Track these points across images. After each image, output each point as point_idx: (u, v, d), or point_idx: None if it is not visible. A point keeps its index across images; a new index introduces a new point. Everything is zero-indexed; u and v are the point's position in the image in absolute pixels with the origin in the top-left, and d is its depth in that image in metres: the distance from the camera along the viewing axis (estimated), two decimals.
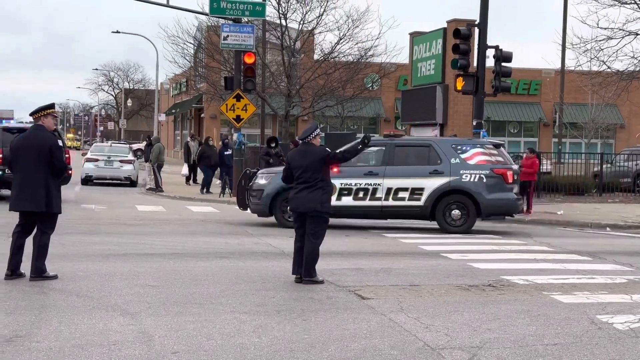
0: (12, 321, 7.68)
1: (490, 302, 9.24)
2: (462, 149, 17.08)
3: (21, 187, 9.78)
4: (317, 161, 10.13)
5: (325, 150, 10.40)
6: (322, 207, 10.13)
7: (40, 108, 10.01)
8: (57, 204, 9.88)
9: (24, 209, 9.87)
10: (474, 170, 16.86)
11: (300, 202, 10.17)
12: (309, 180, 10.12)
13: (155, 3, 27.91)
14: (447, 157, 16.98)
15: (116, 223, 17.56)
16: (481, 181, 16.84)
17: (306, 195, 10.10)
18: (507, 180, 17.11)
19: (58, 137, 11.29)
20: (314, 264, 10.22)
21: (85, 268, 10.88)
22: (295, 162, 10.32)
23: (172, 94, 71.24)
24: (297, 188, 10.24)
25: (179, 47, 39.12)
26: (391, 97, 52.57)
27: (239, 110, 26.14)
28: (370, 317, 8.31)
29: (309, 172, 10.12)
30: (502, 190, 17.04)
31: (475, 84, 21.46)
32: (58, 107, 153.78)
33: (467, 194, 16.91)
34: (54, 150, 9.76)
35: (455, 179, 16.87)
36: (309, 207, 10.10)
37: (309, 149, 10.25)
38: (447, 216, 17.03)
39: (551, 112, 51.80)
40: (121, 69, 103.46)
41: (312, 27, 34.33)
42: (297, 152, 10.48)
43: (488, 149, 17.32)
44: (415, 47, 30.97)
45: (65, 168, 9.97)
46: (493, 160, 17.21)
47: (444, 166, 16.93)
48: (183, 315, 8.15)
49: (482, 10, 21.64)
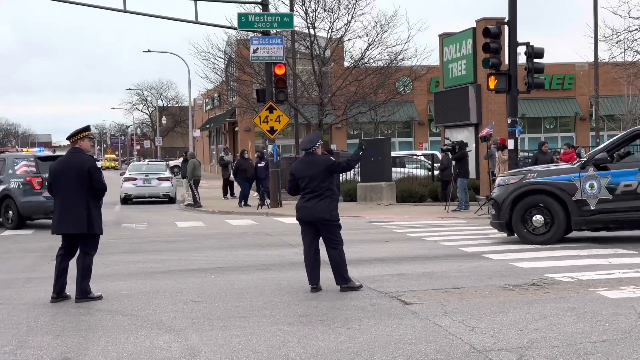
0: (61, 343, 7.78)
1: (535, 302, 9.14)
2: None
3: (62, 210, 9.92)
4: (322, 170, 10.20)
5: (330, 159, 10.48)
6: (331, 215, 10.19)
7: (76, 131, 10.16)
8: (98, 225, 10.01)
9: (67, 231, 10.01)
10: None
11: (308, 211, 10.22)
12: (316, 189, 10.16)
13: (185, 20, 28.14)
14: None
15: (157, 240, 17.71)
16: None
17: (314, 205, 10.16)
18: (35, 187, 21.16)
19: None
20: (345, 269, 10.28)
21: (129, 287, 10.98)
22: (300, 173, 10.35)
23: (206, 109, 71.73)
24: (305, 198, 10.28)
25: (210, 63, 39.34)
26: (424, 99, 52.38)
27: (272, 121, 26.24)
28: (414, 322, 8.27)
29: (315, 181, 10.17)
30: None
31: (508, 82, 21.28)
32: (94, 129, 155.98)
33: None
34: (92, 172, 9.89)
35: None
36: (318, 217, 10.17)
37: (314, 159, 10.32)
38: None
39: (587, 106, 51.23)
40: (154, 88, 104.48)
41: (341, 34, 34.31)
42: (301, 162, 10.49)
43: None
44: (445, 49, 30.81)
45: (104, 189, 10.09)
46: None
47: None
48: (228, 329, 8.19)
49: (510, 8, 21.48)
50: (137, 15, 28.17)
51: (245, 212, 26.45)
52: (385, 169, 27.39)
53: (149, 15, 28.24)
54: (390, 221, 21.24)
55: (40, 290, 10.84)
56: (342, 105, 35.10)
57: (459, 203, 23.56)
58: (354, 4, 33.47)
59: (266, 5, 27.47)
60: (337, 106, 35.29)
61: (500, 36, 21.54)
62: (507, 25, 21.61)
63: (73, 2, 26.93)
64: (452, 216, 22.22)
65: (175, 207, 31.08)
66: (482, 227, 18.88)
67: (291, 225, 20.66)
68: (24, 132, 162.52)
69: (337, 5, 33.39)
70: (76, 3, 26.99)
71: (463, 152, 23.74)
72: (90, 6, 27.19)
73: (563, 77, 51.46)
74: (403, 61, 35.50)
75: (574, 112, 52.26)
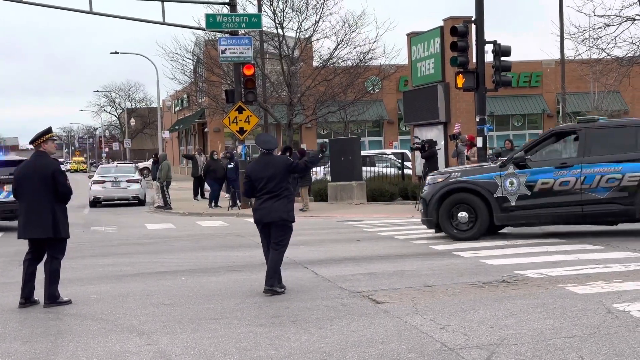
0: (29, 349, 7.69)
1: (505, 298, 9.21)
2: None
3: (28, 215, 9.81)
4: (280, 171, 10.14)
5: (288, 160, 10.47)
6: (289, 215, 10.16)
7: (39, 134, 10.02)
8: (64, 229, 9.89)
9: (32, 236, 9.90)
10: None
11: (266, 212, 10.11)
12: (274, 190, 10.09)
13: (152, 22, 27.96)
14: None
15: (127, 243, 17.58)
16: None
17: (271, 205, 10.08)
18: None
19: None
20: (277, 275, 10.12)
21: (99, 291, 10.89)
22: (257, 174, 10.23)
23: (175, 110, 71.37)
24: (262, 199, 10.17)
25: (178, 64, 39.16)
26: (393, 98, 52.54)
27: (241, 122, 26.16)
28: (386, 321, 8.29)
29: (274, 182, 10.09)
30: None
31: (476, 80, 21.41)
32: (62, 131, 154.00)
33: None
34: (56, 176, 9.78)
35: None
36: (276, 216, 10.08)
37: (271, 159, 10.27)
38: None
39: (554, 103, 51.71)
40: (122, 89, 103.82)
41: (309, 34, 34.31)
42: (257, 163, 10.39)
43: None
44: (414, 48, 30.91)
45: (69, 193, 9.97)
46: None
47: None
48: (199, 331, 8.15)
49: (477, 6, 21.62)
50: (104, 16, 27.92)
51: (215, 213, 26.35)
52: (355, 168, 27.44)
53: (115, 17, 28.01)
54: (361, 220, 21.28)
55: (8, 296, 10.70)
56: (311, 105, 35.11)
57: None
58: (322, 3, 33.50)
59: (234, 6, 27.38)
60: (306, 106, 35.28)
61: (468, 35, 21.67)
62: (474, 24, 21.75)
63: (38, 4, 26.63)
64: None
65: (145, 209, 30.89)
66: None
67: None
68: None
69: (305, 5, 33.40)
70: (41, 5, 26.70)
71: (432, 150, 23.85)
72: (56, 7, 26.95)
73: (530, 74, 51.91)
74: (372, 60, 35.59)
75: (541, 110, 52.75)
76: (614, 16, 25.60)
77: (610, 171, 14.28)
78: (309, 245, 15.52)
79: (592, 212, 14.53)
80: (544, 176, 14.60)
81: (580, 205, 14.47)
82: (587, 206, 14.45)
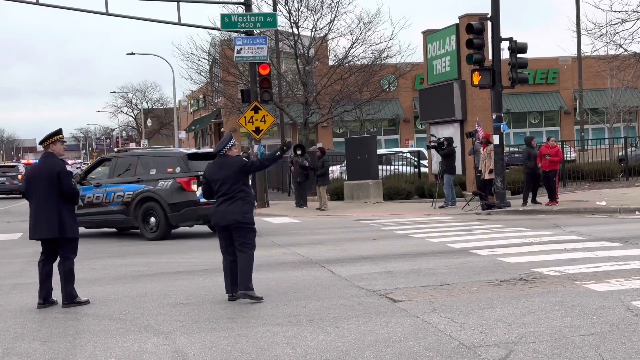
0: (48, 349, 7.73)
1: (523, 296, 9.16)
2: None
3: (36, 216, 9.92)
4: (234, 172, 9.74)
5: (242, 160, 10.04)
6: (244, 217, 9.71)
7: (48, 136, 10.11)
8: (71, 229, 9.95)
9: (40, 236, 10.00)
10: None
11: (221, 215, 9.75)
12: (228, 192, 9.72)
13: (168, 22, 28.06)
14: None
15: (144, 243, 17.64)
16: None
17: (226, 208, 9.69)
18: None
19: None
20: (249, 276, 9.69)
21: (116, 291, 10.93)
22: (212, 176, 9.89)
23: (191, 110, 71.58)
24: (218, 202, 9.84)
25: (194, 64, 39.30)
26: (409, 97, 52.46)
27: (257, 122, 26.20)
28: (403, 319, 8.27)
29: (228, 184, 9.73)
30: None
31: (492, 78, 21.34)
32: (79, 132, 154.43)
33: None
34: (62, 176, 9.85)
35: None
36: (231, 219, 9.67)
37: (226, 160, 9.85)
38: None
39: (571, 100, 51.47)
40: (139, 90, 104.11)
41: (325, 33, 34.32)
42: (213, 165, 10.00)
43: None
44: (429, 45, 30.82)
45: (74, 193, 10.00)
46: None
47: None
48: (216, 331, 8.16)
49: (493, 3, 21.54)
50: (120, 17, 28.01)
51: None
52: (371, 166, 27.41)
53: (131, 18, 28.10)
54: (377, 219, 21.25)
55: (27, 297, 10.76)
56: (327, 104, 35.11)
57: (446, 199, 23.60)
58: (337, 2, 33.52)
59: (249, 6, 27.43)
60: (322, 105, 35.29)
61: (484, 32, 21.60)
62: (490, 21, 21.68)
63: (54, 6, 26.78)
64: (439, 213, 22.25)
65: None
66: (469, 223, 18.93)
67: (279, 225, 20.64)
68: (9, 138, 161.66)
69: (320, 4, 33.40)
70: (57, 6, 26.85)
71: (451, 148, 23.79)
72: (72, 9, 27.07)
73: (547, 71, 51.69)
74: (387, 59, 35.57)
75: (558, 106, 52.51)
76: (632, 12, 25.47)
77: (119, 190, 18.77)
78: (326, 244, 15.52)
79: (112, 219, 19.06)
80: (88, 192, 19.06)
81: (106, 214, 18.96)
82: (109, 215, 18.93)
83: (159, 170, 18.53)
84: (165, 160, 18.77)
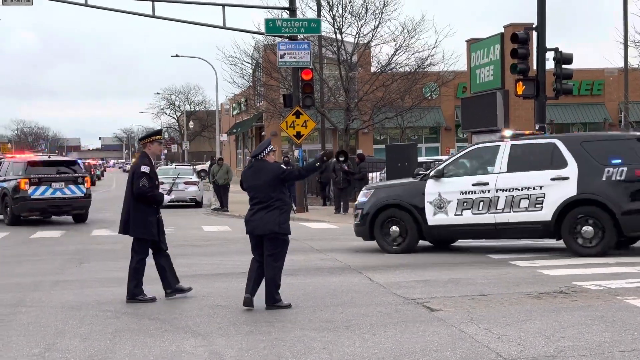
0: (88, 346, 7.84)
1: (562, 310, 9.07)
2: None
3: (121, 212, 10.47)
4: (271, 179, 9.43)
5: (280, 168, 9.65)
6: (281, 228, 9.41)
7: (147, 135, 10.57)
8: (133, 228, 10.28)
9: (119, 232, 10.58)
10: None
11: (257, 224, 9.47)
12: (264, 200, 9.41)
13: (213, 26, 28.26)
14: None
15: (184, 245, 17.78)
16: None
17: (263, 217, 9.41)
18: None
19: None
20: (276, 289, 9.55)
21: (156, 290, 11.02)
22: (248, 182, 9.63)
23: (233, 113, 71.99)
24: (253, 209, 9.55)
25: (237, 67, 39.51)
26: (451, 105, 52.18)
27: (299, 126, 26.28)
28: (440, 329, 8.23)
29: (264, 191, 9.43)
30: None
31: (536, 88, 21.17)
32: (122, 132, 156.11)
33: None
34: (134, 177, 10.21)
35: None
36: (266, 229, 9.40)
37: (263, 166, 9.54)
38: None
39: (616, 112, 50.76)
40: (182, 92, 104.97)
41: (368, 40, 34.31)
42: (249, 170, 9.70)
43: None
44: (473, 54, 30.65)
45: (142, 194, 10.19)
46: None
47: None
48: (253, 334, 8.20)
49: (539, 13, 21.37)
50: (165, 20, 28.28)
51: None
52: (411, 174, 27.27)
53: (177, 21, 28.39)
54: None
55: (69, 294, 10.93)
56: (368, 110, 35.08)
57: None
58: (381, 9, 33.48)
59: (294, 11, 27.53)
60: (363, 111, 35.27)
61: (529, 42, 21.44)
62: (535, 31, 21.51)
63: (103, 8, 27.16)
64: None
65: (202, 211, 31.21)
66: None
67: (317, 230, 20.67)
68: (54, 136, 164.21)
69: (364, 10, 33.41)
70: (106, 8, 27.23)
71: None
72: (120, 11, 27.41)
73: (592, 83, 51.06)
74: (430, 67, 35.42)
75: (602, 118, 51.82)
76: None
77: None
78: (363, 251, 15.50)
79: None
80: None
81: None
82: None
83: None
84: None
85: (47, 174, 23.54)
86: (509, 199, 13.79)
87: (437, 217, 14.40)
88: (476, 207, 14.05)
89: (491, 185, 13.93)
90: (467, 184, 14.18)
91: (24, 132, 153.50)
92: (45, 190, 23.17)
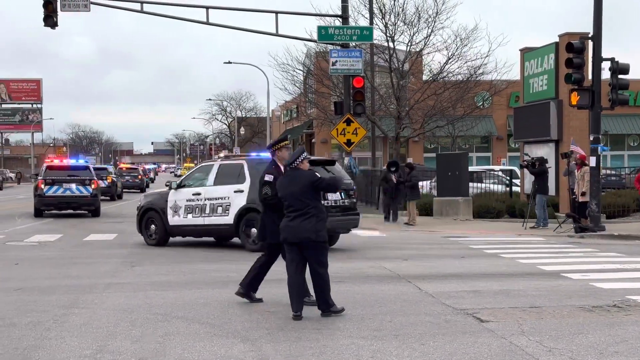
0: (139, 349, 7.94)
1: (616, 324, 8.91)
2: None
3: None
4: (306, 186, 9.42)
5: (314, 175, 9.59)
6: (318, 236, 9.39)
7: (276, 141, 10.82)
8: (259, 233, 10.94)
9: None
10: None
11: (293, 231, 9.43)
12: (300, 207, 9.39)
13: (265, 33, 28.47)
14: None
15: (234, 250, 17.90)
16: None
17: (299, 225, 9.37)
18: None
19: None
20: (328, 294, 9.56)
21: (206, 295, 11.14)
22: (283, 190, 9.61)
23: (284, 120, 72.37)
24: (289, 217, 9.49)
25: (289, 74, 39.70)
26: (503, 114, 51.72)
27: (349, 134, 26.30)
28: (490, 340, 8.15)
29: (298, 198, 9.42)
30: None
31: (591, 98, 20.87)
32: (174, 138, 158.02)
33: None
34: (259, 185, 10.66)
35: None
36: (303, 237, 9.37)
37: (296, 174, 9.53)
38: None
39: None
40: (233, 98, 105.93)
41: (420, 48, 34.22)
42: (284, 178, 9.71)
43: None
44: (527, 63, 30.34)
45: (262, 201, 10.47)
46: None
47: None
48: (301, 340, 8.22)
49: (595, 22, 21.07)
50: (219, 27, 28.57)
51: None
52: (462, 183, 27.14)
53: (231, 28, 28.66)
54: (466, 237, 21.01)
55: (120, 296, 11.08)
56: (419, 118, 34.96)
57: (537, 220, 23.15)
58: (434, 17, 33.38)
59: (346, 19, 27.60)
60: (414, 120, 35.15)
61: (584, 51, 21.16)
62: (591, 40, 21.21)
63: (159, 14, 27.56)
64: (530, 233, 21.84)
65: None
66: (561, 245, 18.52)
67: (366, 239, 20.64)
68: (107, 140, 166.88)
69: (417, 18, 33.34)
70: (162, 15, 27.62)
71: (543, 167, 23.36)
72: (175, 18, 27.81)
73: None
74: (482, 75, 35.16)
75: None
76: None
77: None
78: (413, 259, 15.44)
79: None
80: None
81: None
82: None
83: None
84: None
85: (60, 177, 28.99)
86: (212, 206, 17.71)
87: (174, 219, 18.34)
88: (194, 212, 18.00)
89: (202, 195, 17.87)
90: (190, 194, 18.11)
91: (79, 136, 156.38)
92: (57, 189, 28.61)
